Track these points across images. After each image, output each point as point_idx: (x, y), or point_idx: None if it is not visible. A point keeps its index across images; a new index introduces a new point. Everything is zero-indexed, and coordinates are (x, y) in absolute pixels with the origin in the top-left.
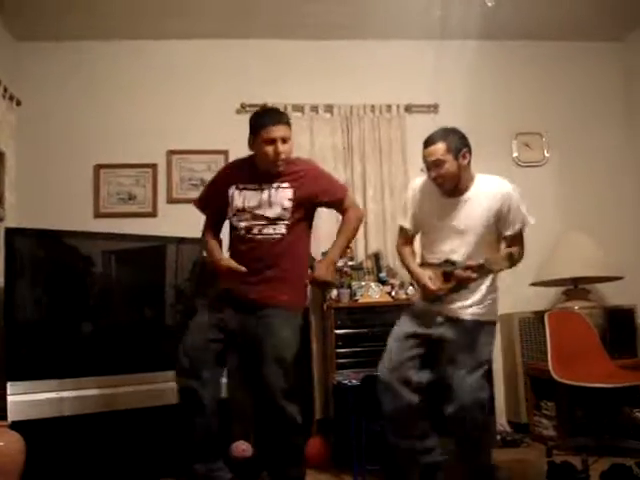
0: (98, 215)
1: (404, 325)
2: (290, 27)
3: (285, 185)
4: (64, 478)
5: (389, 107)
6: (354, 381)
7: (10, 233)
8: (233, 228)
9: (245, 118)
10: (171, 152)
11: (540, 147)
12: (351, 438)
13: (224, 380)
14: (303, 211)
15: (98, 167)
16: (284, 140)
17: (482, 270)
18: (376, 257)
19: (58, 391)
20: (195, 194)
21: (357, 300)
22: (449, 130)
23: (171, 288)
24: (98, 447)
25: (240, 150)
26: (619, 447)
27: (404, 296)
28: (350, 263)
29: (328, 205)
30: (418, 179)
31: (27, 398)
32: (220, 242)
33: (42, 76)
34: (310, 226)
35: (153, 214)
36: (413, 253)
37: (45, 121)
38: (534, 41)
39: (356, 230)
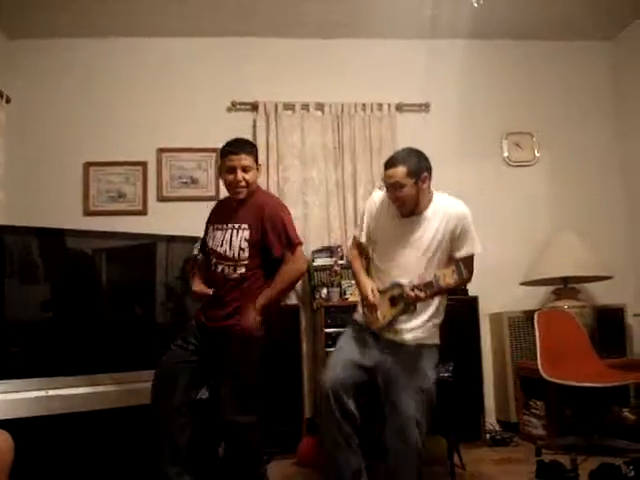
0: (88, 213)
1: (346, 347)
2: (282, 26)
3: (245, 225)
4: (52, 477)
5: (380, 106)
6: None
7: None
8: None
9: (236, 116)
10: (161, 150)
11: (530, 147)
12: None
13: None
14: (259, 252)
15: (88, 165)
16: (245, 169)
17: (430, 288)
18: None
19: (47, 389)
20: (185, 192)
21: (347, 299)
22: (412, 152)
23: (161, 286)
24: (87, 446)
25: None
26: (608, 446)
27: None
28: (340, 262)
29: (270, 250)
30: (378, 192)
31: (15, 396)
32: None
33: (32, 73)
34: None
35: (143, 212)
36: (363, 263)
37: (35, 118)
38: (525, 40)
39: (291, 284)
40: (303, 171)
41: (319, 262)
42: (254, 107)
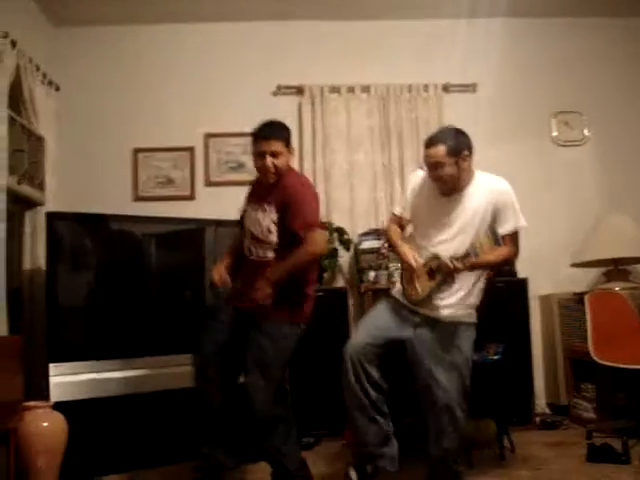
0: (137, 199)
1: (379, 316)
2: (327, 8)
3: (272, 207)
4: (105, 457)
5: (426, 87)
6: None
7: (51, 217)
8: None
9: (282, 100)
10: (208, 135)
11: (580, 126)
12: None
13: None
14: (287, 234)
15: (136, 151)
16: (274, 154)
17: (468, 258)
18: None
19: (99, 372)
20: (232, 177)
21: (395, 282)
22: (451, 131)
23: (210, 271)
24: (139, 427)
25: None
26: None
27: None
28: (387, 245)
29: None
30: (420, 171)
31: (69, 379)
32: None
33: (80, 61)
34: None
35: (191, 197)
36: (402, 236)
37: (84, 106)
38: (574, 18)
39: (303, 264)
40: (349, 154)
41: (366, 245)
42: (299, 91)
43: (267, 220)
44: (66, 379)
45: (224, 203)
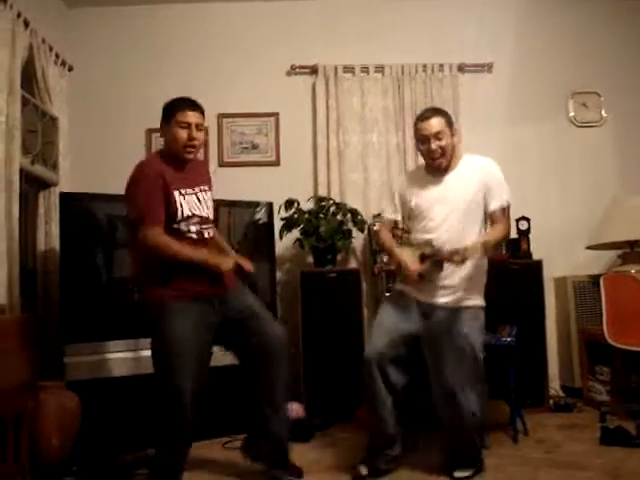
0: None
1: (387, 319)
2: None
3: (206, 187)
4: (118, 436)
5: (442, 66)
6: None
7: (64, 198)
8: (180, 233)
9: (295, 80)
10: (222, 115)
11: (597, 107)
12: (400, 402)
13: None
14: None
15: (150, 131)
16: (198, 127)
17: (457, 254)
18: None
19: (112, 352)
20: (246, 157)
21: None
22: (440, 108)
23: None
24: (152, 407)
25: (290, 112)
26: None
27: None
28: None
29: None
30: (403, 173)
31: (82, 359)
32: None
33: (93, 42)
34: None
35: None
36: (392, 238)
37: (97, 86)
38: None
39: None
40: (363, 135)
41: None
42: (313, 70)
43: (210, 200)
44: (80, 359)
45: (238, 183)
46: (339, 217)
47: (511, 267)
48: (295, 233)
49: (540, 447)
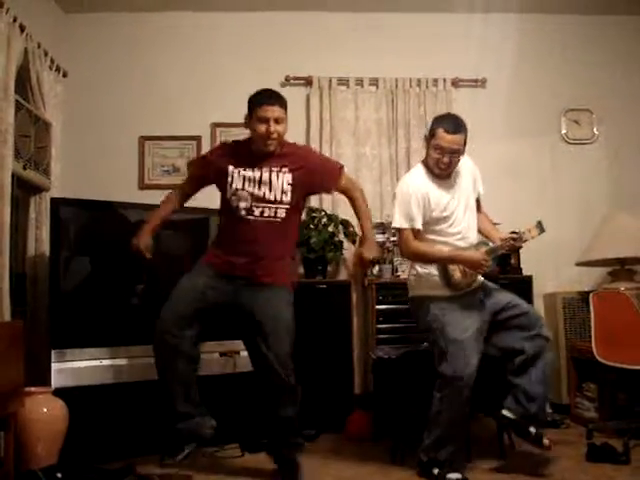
0: (143, 187)
1: (462, 324)
2: None
3: (285, 170)
4: (105, 444)
5: (436, 81)
6: (394, 356)
7: (55, 203)
8: (229, 209)
9: (290, 91)
10: (215, 124)
11: (590, 124)
12: (390, 413)
13: None
14: (299, 196)
15: (143, 139)
16: (277, 121)
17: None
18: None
19: (101, 359)
20: None
21: (399, 276)
22: (464, 121)
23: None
24: (140, 415)
25: None
26: None
27: None
28: (392, 239)
29: (327, 189)
30: (408, 180)
31: (70, 366)
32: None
33: (89, 47)
34: (302, 211)
35: None
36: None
37: (91, 92)
38: (584, 15)
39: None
40: (356, 147)
41: None
42: (308, 82)
43: (281, 182)
44: (68, 365)
45: None
46: (330, 228)
47: (501, 282)
48: None
49: (527, 462)
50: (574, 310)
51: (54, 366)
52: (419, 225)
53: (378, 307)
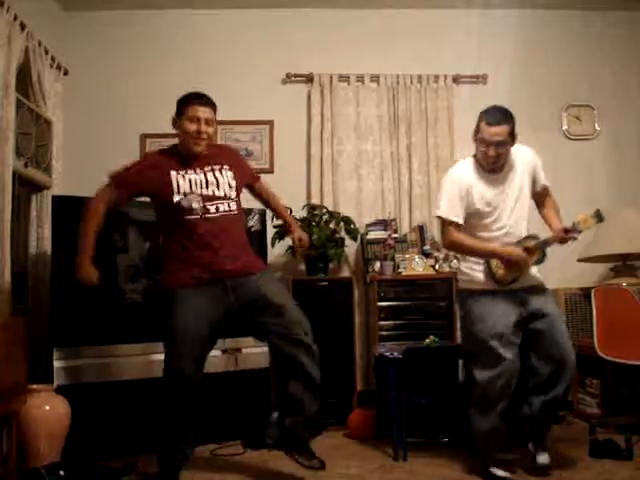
0: None
1: (494, 315)
2: None
3: (226, 167)
4: (107, 441)
5: (437, 77)
6: (396, 353)
7: (57, 201)
8: (178, 215)
9: (291, 88)
10: (216, 122)
11: (591, 120)
12: (393, 410)
13: None
14: (239, 190)
15: (144, 136)
16: (207, 122)
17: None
18: (420, 230)
19: (103, 357)
20: None
21: (400, 273)
22: (509, 112)
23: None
24: (141, 412)
25: (285, 120)
26: None
27: (447, 269)
28: (394, 235)
29: (251, 187)
30: (453, 172)
31: (72, 363)
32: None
33: (89, 45)
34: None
35: None
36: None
37: (92, 90)
38: (585, 11)
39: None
40: (358, 144)
41: (373, 235)
42: (309, 79)
43: (225, 178)
44: (70, 363)
45: None
46: (332, 225)
47: None
48: (287, 241)
49: (529, 459)
50: (576, 306)
51: (56, 364)
52: (460, 219)
53: (380, 304)
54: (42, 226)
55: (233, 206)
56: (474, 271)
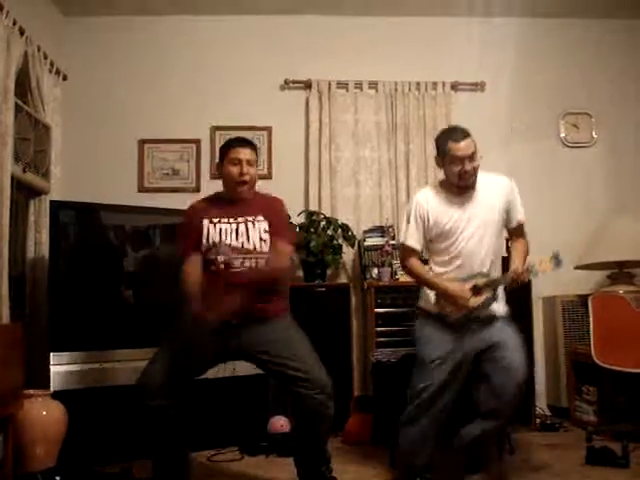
0: (142, 190)
1: (436, 344)
2: (335, 3)
3: (260, 218)
4: (103, 447)
5: (435, 84)
6: (393, 359)
7: (55, 206)
8: (206, 263)
9: (289, 94)
10: (215, 128)
11: (588, 127)
12: (389, 416)
13: None
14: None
15: (142, 142)
16: (249, 163)
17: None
18: None
19: (100, 362)
20: None
21: (398, 279)
22: (465, 128)
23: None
24: (136, 418)
25: (283, 126)
26: None
27: None
28: (392, 242)
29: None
30: (419, 195)
31: (69, 368)
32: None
33: (88, 51)
34: None
35: (196, 189)
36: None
37: (90, 96)
38: (582, 19)
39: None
40: (356, 150)
41: (370, 242)
42: (307, 85)
43: (258, 230)
44: (66, 368)
45: None
46: (330, 232)
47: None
48: None
49: (526, 466)
50: (573, 313)
51: (53, 369)
52: (418, 244)
53: (377, 310)
54: (40, 231)
55: (262, 263)
56: (431, 293)
